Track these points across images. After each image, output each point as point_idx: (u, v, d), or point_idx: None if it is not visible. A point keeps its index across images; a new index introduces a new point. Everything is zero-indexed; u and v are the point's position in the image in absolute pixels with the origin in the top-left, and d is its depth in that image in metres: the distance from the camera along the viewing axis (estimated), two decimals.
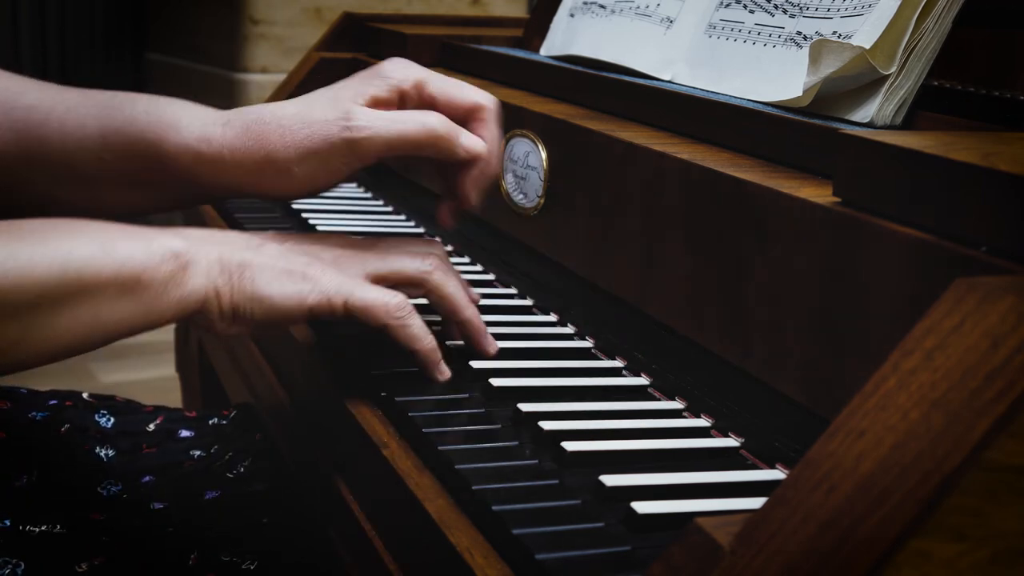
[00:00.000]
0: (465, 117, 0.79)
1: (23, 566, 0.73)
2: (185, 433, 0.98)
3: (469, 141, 0.77)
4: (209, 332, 0.70)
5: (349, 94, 0.77)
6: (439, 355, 0.74)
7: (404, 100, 0.78)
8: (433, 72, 0.80)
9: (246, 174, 0.76)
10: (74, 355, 0.66)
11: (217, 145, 0.75)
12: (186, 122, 0.76)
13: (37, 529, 0.78)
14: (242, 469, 0.93)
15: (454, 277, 0.77)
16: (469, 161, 0.78)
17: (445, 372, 0.74)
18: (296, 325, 0.75)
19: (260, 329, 0.71)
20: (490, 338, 0.79)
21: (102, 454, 0.91)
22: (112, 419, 0.96)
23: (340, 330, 0.84)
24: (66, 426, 0.94)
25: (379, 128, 0.75)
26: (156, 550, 0.79)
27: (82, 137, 0.79)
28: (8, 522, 0.78)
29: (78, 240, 0.64)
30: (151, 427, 0.97)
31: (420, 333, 0.72)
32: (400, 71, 0.78)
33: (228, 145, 0.75)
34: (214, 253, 0.69)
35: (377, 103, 0.77)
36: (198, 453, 0.95)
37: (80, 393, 0.99)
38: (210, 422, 1.00)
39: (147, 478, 0.89)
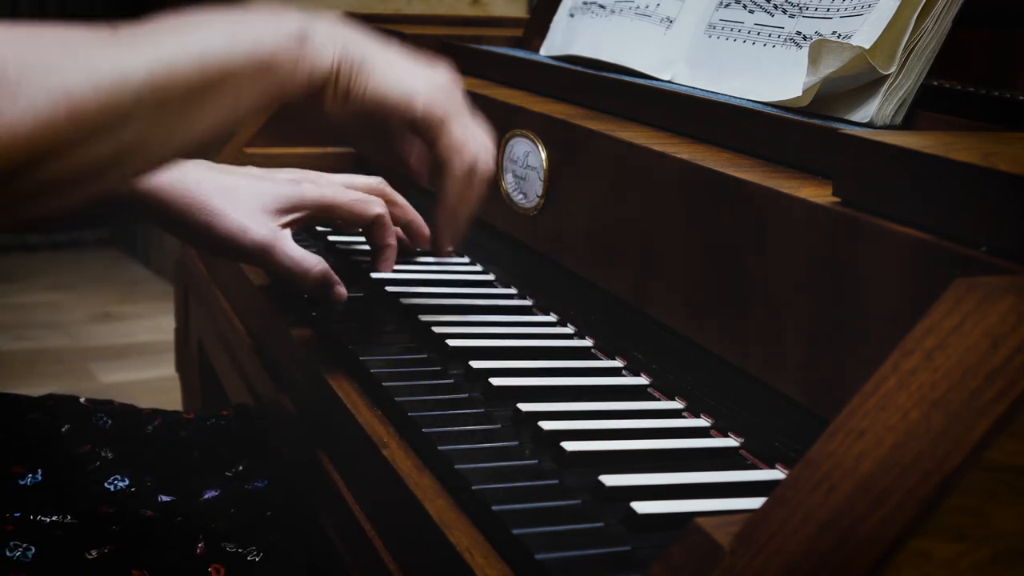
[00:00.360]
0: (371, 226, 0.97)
1: (34, 550, 0.74)
2: (184, 434, 0.98)
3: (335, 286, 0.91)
4: (319, 111, 0.73)
5: (277, 222, 0.90)
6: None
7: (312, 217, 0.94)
8: (337, 193, 0.96)
9: (177, 228, 0.89)
10: (213, 142, 0.70)
11: (154, 187, 0.88)
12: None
13: (48, 519, 0.79)
14: (241, 468, 0.93)
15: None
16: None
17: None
18: (396, 122, 0.76)
19: (362, 119, 0.75)
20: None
21: (103, 454, 0.91)
22: (110, 421, 0.96)
23: (337, 325, 0.84)
24: (66, 427, 0.94)
25: (285, 265, 0.89)
26: (164, 539, 0.79)
27: None
28: (18, 514, 0.79)
29: (210, 31, 0.66)
30: (150, 428, 0.97)
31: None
32: (312, 196, 0.94)
33: (166, 194, 0.88)
34: (340, 38, 0.73)
35: (293, 224, 0.92)
36: (197, 453, 0.95)
37: (77, 397, 1.00)
38: (208, 423, 1.00)
39: (148, 478, 0.89)
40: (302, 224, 0.92)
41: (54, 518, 0.79)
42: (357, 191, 0.97)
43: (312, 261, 0.88)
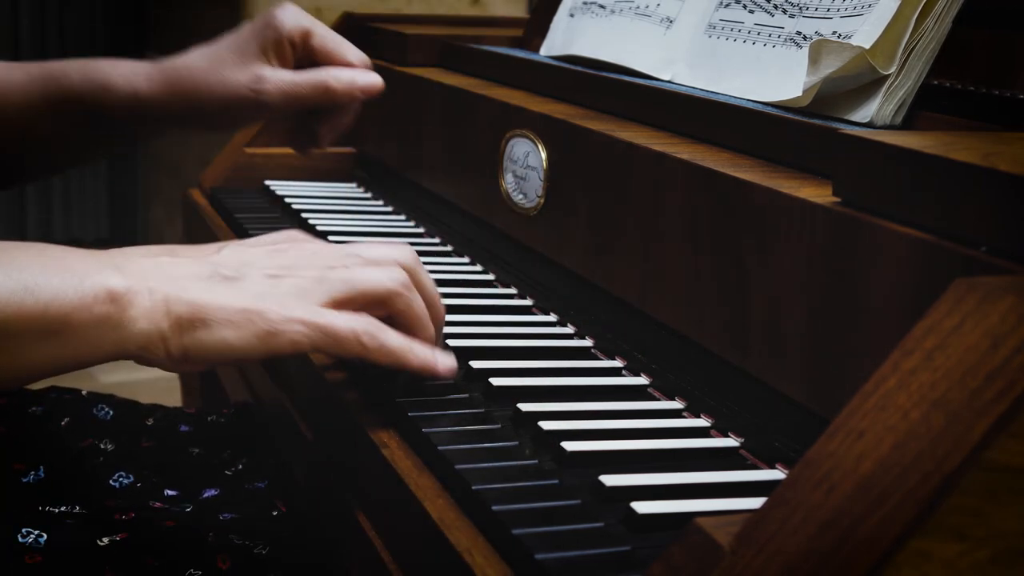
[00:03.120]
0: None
1: (46, 537, 0.74)
2: (184, 428, 0.98)
3: (367, 82, 0.89)
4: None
5: (253, 50, 0.87)
6: (432, 355, 0.68)
7: (292, 48, 0.88)
8: (319, 25, 0.88)
9: (172, 118, 0.88)
10: None
11: (145, 97, 0.87)
12: (115, 79, 0.87)
13: (57, 510, 0.79)
14: (241, 467, 0.93)
15: (417, 299, 0.70)
16: (351, 103, 0.90)
17: (447, 363, 0.69)
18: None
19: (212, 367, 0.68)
20: (442, 360, 0.70)
21: (104, 447, 0.91)
22: (111, 412, 0.96)
23: None
24: (66, 419, 0.94)
25: (280, 87, 0.86)
26: (175, 529, 0.79)
27: (31, 108, 0.89)
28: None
29: (2, 273, 0.59)
30: (150, 421, 0.97)
31: (400, 345, 0.67)
32: (291, 21, 0.87)
33: (153, 97, 0.87)
34: (159, 292, 0.63)
35: (277, 56, 0.87)
36: (197, 450, 0.95)
37: (79, 390, 1.00)
38: (208, 419, 1.00)
39: (151, 474, 0.89)
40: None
41: (63, 508, 0.79)
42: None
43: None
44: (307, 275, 0.67)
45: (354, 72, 0.88)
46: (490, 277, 1.01)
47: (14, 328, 0.58)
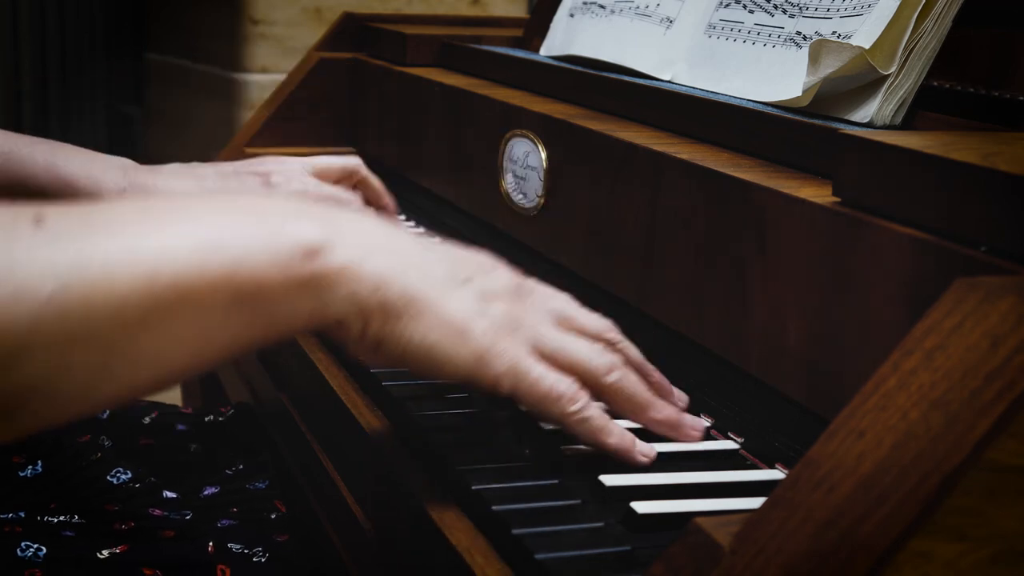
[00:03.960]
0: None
1: (45, 551, 0.74)
2: (182, 427, 0.98)
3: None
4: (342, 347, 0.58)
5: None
6: (632, 441, 0.63)
7: None
8: (308, 188, 0.86)
9: None
10: (173, 384, 0.51)
11: None
12: (82, 185, 0.81)
13: (55, 519, 0.79)
14: (241, 467, 0.93)
15: (631, 373, 0.65)
16: None
17: (645, 451, 0.64)
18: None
19: (402, 368, 0.59)
20: (690, 423, 0.68)
21: (102, 442, 0.91)
22: (108, 409, 0.96)
23: None
24: None
25: None
26: (174, 538, 0.79)
27: None
28: (23, 513, 0.79)
29: (174, 229, 0.49)
30: (147, 420, 0.97)
31: (604, 424, 0.62)
32: (284, 184, 0.83)
33: None
34: (368, 264, 0.54)
35: None
36: (195, 446, 0.95)
37: None
38: (206, 419, 1.00)
39: (149, 472, 0.89)
40: None
41: (61, 518, 0.79)
42: (328, 183, 0.89)
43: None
44: (525, 315, 0.62)
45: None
46: None
47: (197, 296, 0.48)
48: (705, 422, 0.68)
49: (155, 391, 0.50)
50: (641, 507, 0.56)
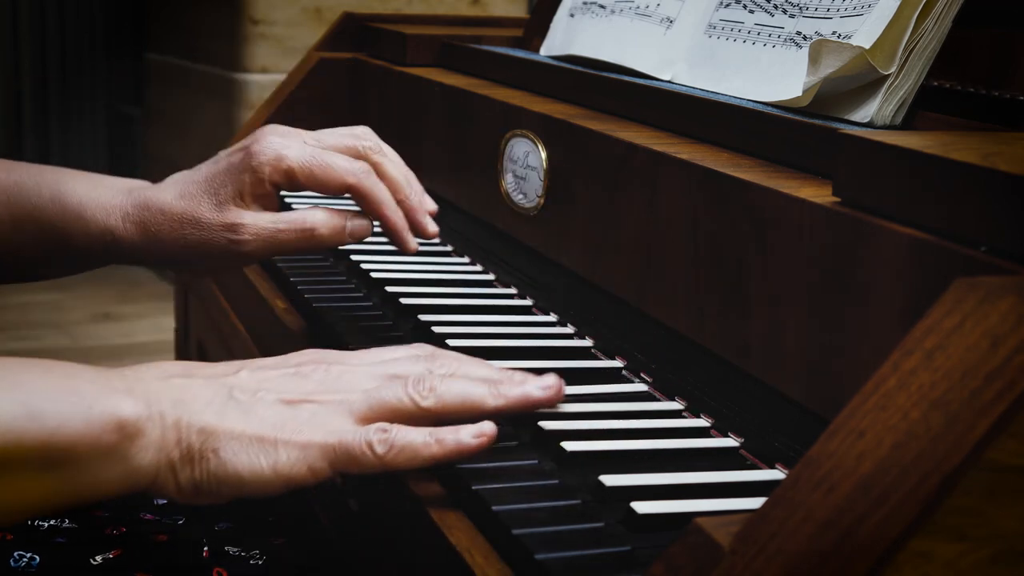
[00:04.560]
0: (341, 192, 0.82)
1: (38, 559, 0.73)
2: None
3: (354, 226, 0.82)
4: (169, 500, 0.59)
5: (230, 193, 0.80)
6: (455, 441, 0.61)
7: (275, 187, 0.81)
8: (303, 156, 0.80)
9: (149, 258, 0.82)
10: None
11: (120, 237, 0.81)
12: (89, 214, 0.81)
13: (46, 524, 0.78)
14: None
15: (451, 379, 0.65)
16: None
17: (485, 431, 0.62)
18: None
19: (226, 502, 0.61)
20: (540, 385, 0.67)
21: None
22: None
23: (330, 317, 0.84)
24: None
25: (260, 235, 0.80)
26: (169, 543, 0.79)
27: None
28: None
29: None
30: None
31: (421, 440, 0.61)
32: (270, 161, 0.79)
33: (128, 240, 0.81)
34: (170, 417, 0.58)
35: (256, 199, 0.80)
36: None
37: None
38: None
39: None
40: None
41: (51, 522, 0.79)
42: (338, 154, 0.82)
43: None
44: (328, 399, 0.62)
45: (341, 215, 0.81)
46: (490, 277, 1.01)
47: (13, 458, 0.52)
48: (557, 378, 0.67)
49: None
50: (641, 507, 0.56)
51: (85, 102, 3.48)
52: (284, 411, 0.61)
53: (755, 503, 0.56)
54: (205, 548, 0.78)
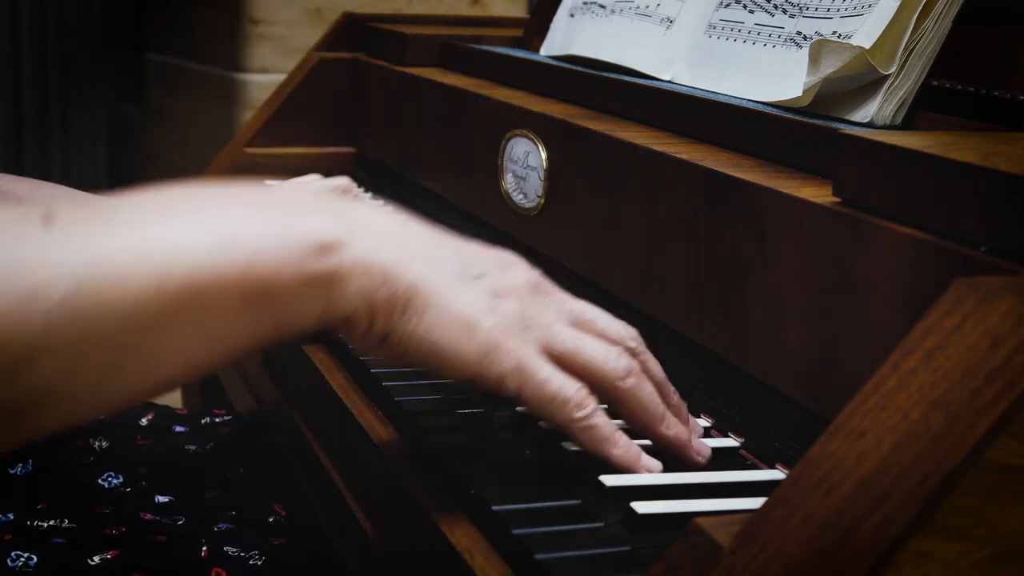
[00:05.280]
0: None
1: (36, 559, 0.73)
2: (179, 429, 0.98)
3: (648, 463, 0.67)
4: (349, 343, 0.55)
5: None
6: (637, 454, 0.61)
7: None
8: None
9: None
10: (183, 383, 0.51)
11: None
12: None
13: (45, 524, 0.78)
14: (242, 471, 0.93)
15: (648, 383, 0.63)
16: None
17: (653, 468, 0.61)
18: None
19: (407, 365, 0.58)
20: (696, 447, 0.64)
21: (96, 445, 0.91)
22: (117, 411, 0.96)
23: None
24: None
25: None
26: (167, 543, 0.79)
27: None
28: (11, 515, 0.78)
29: (186, 227, 0.48)
30: (144, 421, 0.97)
31: (610, 434, 0.59)
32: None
33: None
34: (378, 257, 0.54)
35: None
36: (193, 448, 0.95)
37: None
38: (203, 420, 1.00)
39: (143, 470, 0.89)
40: None
41: (51, 522, 0.79)
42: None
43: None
44: (538, 313, 0.60)
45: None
46: None
47: (209, 296, 0.47)
48: (708, 450, 0.65)
49: (165, 391, 0.50)
50: (641, 507, 0.56)
51: (85, 102, 3.47)
52: (499, 304, 0.58)
53: (755, 503, 0.56)
54: (204, 548, 0.78)
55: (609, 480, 0.60)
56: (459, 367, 0.56)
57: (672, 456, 0.63)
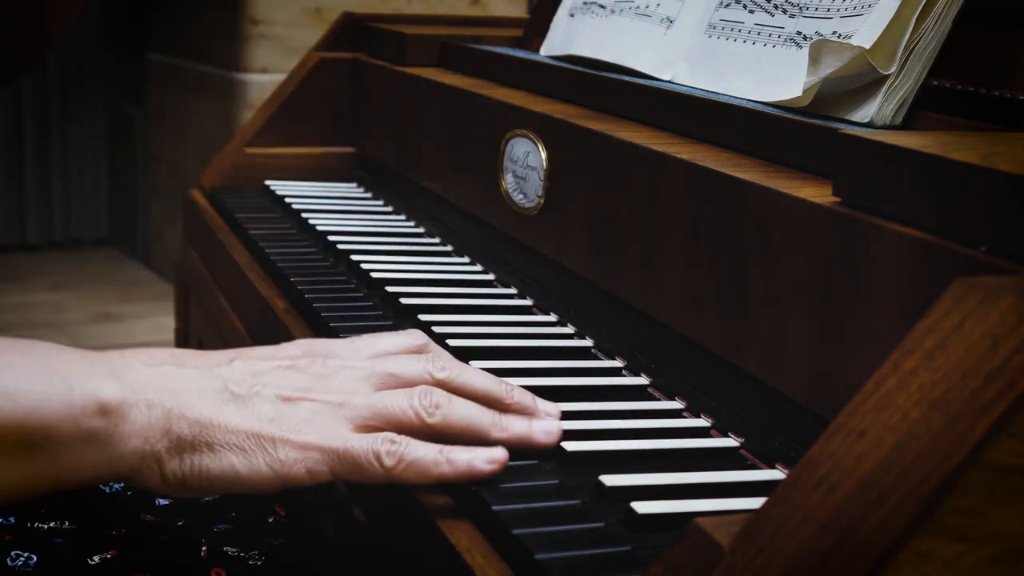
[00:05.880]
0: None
1: (35, 559, 0.73)
2: None
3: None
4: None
5: None
6: (468, 460, 0.60)
7: None
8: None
9: None
10: None
11: None
12: None
13: (45, 526, 0.78)
14: None
15: (459, 402, 0.63)
16: None
17: (498, 457, 0.60)
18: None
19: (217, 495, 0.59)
20: (540, 430, 0.64)
21: None
22: None
23: (340, 326, 0.84)
24: None
25: None
26: (167, 543, 0.79)
27: None
28: (13, 519, 0.78)
29: None
30: None
31: (433, 457, 0.59)
32: None
33: None
34: (158, 407, 0.56)
35: None
36: None
37: None
38: None
39: None
40: None
41: (52, 524, 0.79)
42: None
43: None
44: (327, 399, 0.61)
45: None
46: (490, 277, 1.01)
47: None
48: (560, 422, 0.65)
49: None
50: (641, 507, 0.56)
51: (85, 102, 3.48)
52: (282, 408, 0.60)
53: (755, 503, 0.56)
54: (204, 548, 0.78)
55: (609, 480, 0.60)
56: (263, 484, 0.58)
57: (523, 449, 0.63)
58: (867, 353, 0.59)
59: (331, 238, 1.11)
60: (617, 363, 0.81)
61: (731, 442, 0.69)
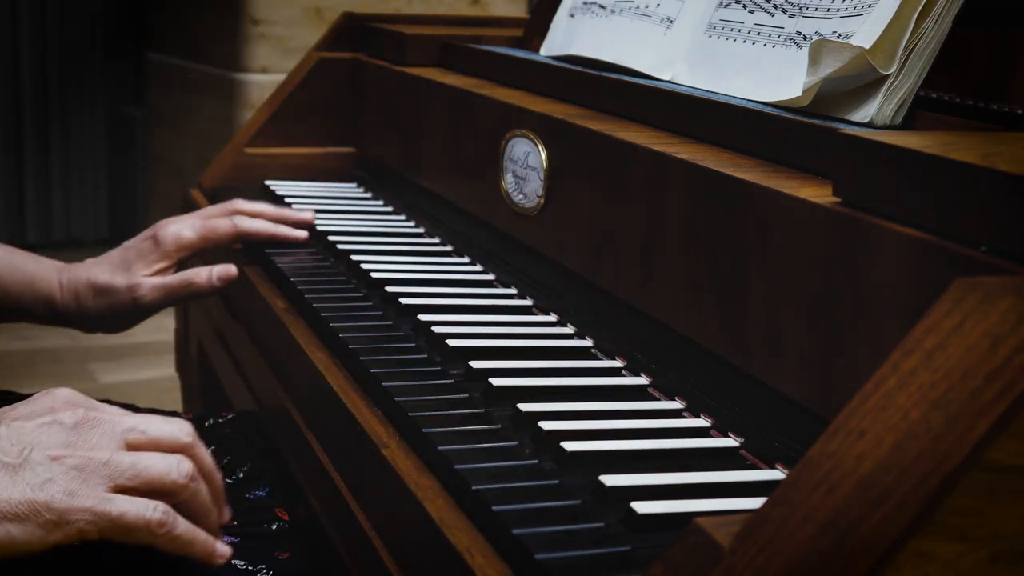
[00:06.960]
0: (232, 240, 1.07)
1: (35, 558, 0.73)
2: None
3: (221, 271, 1.02)
4: None
5: (134, 261, 1.02)
6: (212, 545, 0.69)
7: (178, 252, 1.04)
8: (196, 228, 1.06)
9: (75, 320, 1.03)
10: None
11: (56, 302, 1.02)
12: (37, 285, 1.02)
13: None
14: (242, 475, 0.92)
15: (203, 483, 0.70)
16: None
17: (223, 551, 0.70)
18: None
19: None
20: (220, 549, 0.71)
21: None
22: None
23: (339, 326, 0.84)
24: None
25: (155, 291, 1.02)
26: (176, 556, 0.79)
27: None
28: None
29: None
30: None
31: (191, 536, 0.68)
32: (169, 237, 1.04)
33: (63, 304, 1.02)
34: None
35: (155, 263, 1.03)
36: None
37: None
38: (206, 423, 1.00)
39: None
40: None
41: None
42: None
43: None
44: (92, 456, 0.65)
45: (211, 268, 1.02)
46: (490, 277, 1.01)
47: None
48: (227, 549, 0.71)
49: None
50: (641, 507, 0.56)
51: (85, 103, 3.47)
52: (54, 468, 0.64)
53: (755, 503, 0.56)
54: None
55: (609, 480, 0.60)
56: (36, 547, 0.62)
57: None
58: (867, 353, 0.59)
59: (331, 238, 1.11)
60: (617, 363, 0.81)
61: (731, 442, 0.69)
